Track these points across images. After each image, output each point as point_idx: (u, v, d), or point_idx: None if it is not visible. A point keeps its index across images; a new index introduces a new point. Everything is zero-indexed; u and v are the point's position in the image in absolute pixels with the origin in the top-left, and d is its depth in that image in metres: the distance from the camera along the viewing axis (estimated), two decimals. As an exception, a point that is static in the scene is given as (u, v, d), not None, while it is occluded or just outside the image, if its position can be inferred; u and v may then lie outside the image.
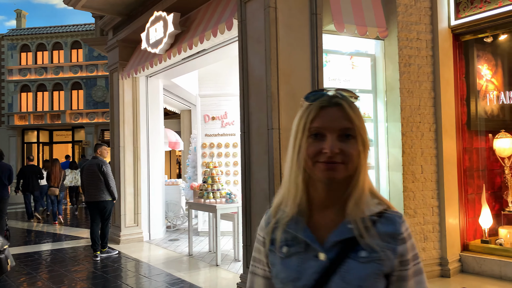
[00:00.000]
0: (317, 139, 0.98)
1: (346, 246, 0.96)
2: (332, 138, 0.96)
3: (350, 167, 0.97)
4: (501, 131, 5.30)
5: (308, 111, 1.00)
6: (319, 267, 0.97)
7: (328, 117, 0.98)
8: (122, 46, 7.77)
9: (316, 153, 0.97)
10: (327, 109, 0.98)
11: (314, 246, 0.98)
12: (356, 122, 0.97)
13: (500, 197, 5.43)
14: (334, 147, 0.95)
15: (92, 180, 6.49)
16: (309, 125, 0.98)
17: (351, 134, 0.97)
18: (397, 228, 0.98)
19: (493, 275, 4.78)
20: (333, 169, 0.96)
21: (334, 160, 0.95)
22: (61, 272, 5.83)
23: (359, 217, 0.97)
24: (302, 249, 1.00)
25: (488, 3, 4.88)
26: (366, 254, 0.95)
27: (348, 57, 5.12)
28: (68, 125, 24.75)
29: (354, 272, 0.94)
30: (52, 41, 25.51)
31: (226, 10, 5.08)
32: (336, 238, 0.97)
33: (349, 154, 0.96)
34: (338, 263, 0.95)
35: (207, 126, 7.92)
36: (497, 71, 5.59)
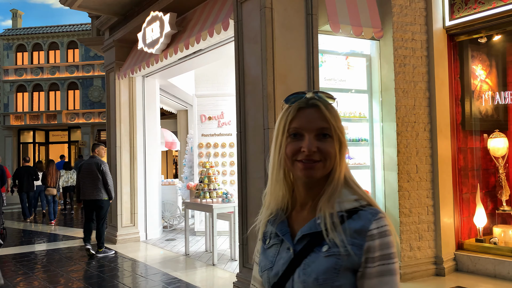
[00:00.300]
0: (295, 138, 1.02)
1: (313, 240, 1.00)
2: (310, 137, 1.01)
3: (328, 165, 1.02)
4: (495, 131, 5.35)
5: (287, 112, 1.05)
6: (288, 258, 1.03)
7: (305, 118, 1.02)
8: (118, 46, 7.77)
9: (294, 152, 1.02)
10: (305, 110, 1.03)
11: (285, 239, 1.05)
12: (332, 122, 1.02)
13: (494, 196, 5.47)
14: (311, 146, 1.00)
15: (90, 179, 6.56)
16: (288, 126, 1.03)
17: (328, 133, 1.01)
18: (366, 225, 0.98)
19: (488, 273, 4.83)
20: (311, 168, 1.00)
21: (312, 158, 1.00)
22: (58, 272, 5.83)
23: (327, 212, 0.99)
24: (279, 242, 1.07)
25: (482, 4, 4.92)
26: (327, 248, 0.97)
27: (344, 57, 5.15)
28: (64, 125, 24.69)
29: (314, 265, 0.98)
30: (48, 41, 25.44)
31: (222, 10, 5.10)
32: (303, 232, 1.02)
33: (327, 152, 1.01)
34: (303, 255, 1.00)
35: (203, 126, 7.94)
36: (491, 72, 5.63)
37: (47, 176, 10.55)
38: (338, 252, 0.96)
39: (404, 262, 4.75)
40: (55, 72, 24.91)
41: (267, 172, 1.10)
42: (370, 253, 0.96)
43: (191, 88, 9.08)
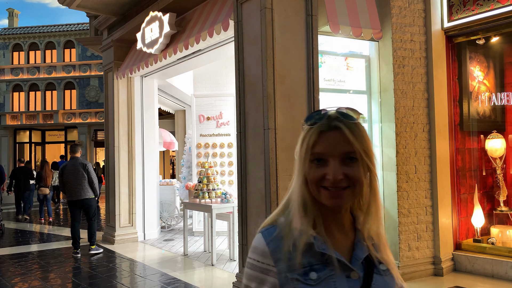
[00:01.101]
0: (320, 164, 0.95)
1: (368, 262, 0.97)
2: (335, 163, 0.93)
3: (358, 190, 0.96)
4: (493, 131, 5.38)
5: (308, 135, 0.97)
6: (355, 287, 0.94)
7: (328, 142, 0.94)
8: (117, 46, 7.76)
9: (319, 178, 0.94)
10: (327, 133, 0.95)
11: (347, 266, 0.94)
12: (357, 145, 0.93)
13: (492, 196, 5.51)
14: (337, 174, 0.92)
15: (77, 180, 6.66)
16: (311, 151, 0.96)
17: (354, 157, 0.94)
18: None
19: (485, 273, 4.86)
20: (338, 196, 0.94)
21: (339, 185, 0.93)
22: (56, 272, 5.81)
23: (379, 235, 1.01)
24: (333, 272, 0.93)
25: (480, 6, 4.95)
26: (385, 267, 0.99)
27: (343, 58, 5.17)
28: (60, 125, 24.62)
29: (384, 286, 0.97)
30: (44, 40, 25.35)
31: (222, 10, 5.10)
32: (362, 255, 0.97)
33: (354, 177, 0.94)
34: (369, 279, 0.96)
35: (202, 126, 7.94)
36: (489, 73, 5.67)
37: (41, 176, 10.74)
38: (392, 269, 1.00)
39: (403, 262, 4.78)
40: (51, 72, 24.83)
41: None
42: None
43: (190, 88, 9.08)
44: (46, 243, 7.97)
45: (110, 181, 7.75)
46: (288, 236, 0.96)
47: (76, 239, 6.72)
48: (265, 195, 4.10)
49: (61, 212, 13.06)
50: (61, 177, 6.76)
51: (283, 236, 0.97)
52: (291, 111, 4.19)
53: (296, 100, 4.22)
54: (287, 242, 0.95)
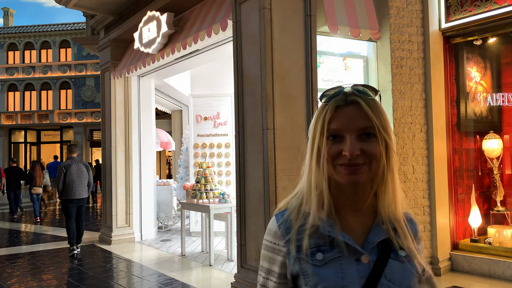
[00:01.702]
0: (336, 140, 0.92)
1: (384, 247, 0.94)
2: (352, 138, 0.90)
3: (375, 168, 0.93)
4: (489, 132, 5.41)
5: (324, 111, 0.94)
6: (365, 271, 0.91)
7: (345, 117, 0.92)
8: (114, 46, 7.73)
9: (335, 155, 0.92)
10: (344, 108, 0.93)
11: (357, 249, 0.92)
12: (375, 120, 0.91)
13: (489, 196, 5.53)
14: (353, 149, 0.90)
15: (81, 179, 6.83)
16: (327, 127, 0.93)
17: (372, 132, 0.91)
18: (417, 229, 1.02)
19: (482, 273, 4.88)
20: (355, 173, 0.91)
21: (355, 162, 0.90)
22: (52, 272, 5.78)
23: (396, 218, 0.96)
24: (340, 254, 0.92)
25: (478, 7, 4.97)
26: (405, 253, 0.94)
27: (341, 58, 5.17)
28: (56, 125, 24.50)
29: (401, 273, 0.92)
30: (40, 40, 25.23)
31: (220, 10, 5.09)
32: (377, 238, 0.94)
33: (371, 153, 0.91)
34: (383, 264, 0.92)
35: (199, 126, 7.92)
36: (486, 74, 5.70)
37: (32, 176, 11.04)
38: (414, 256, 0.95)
39: (401, 262, 4.78)
40: (47, 71, 24.71)
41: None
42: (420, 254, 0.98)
43: (187, 88, 9.06)
44: (42, 244, 7.92)
45: (107, 181, 7.72)
46: (297, 218, 0.97)
47: (73, 236, 6.83)
48: (263, 195, 4.09)
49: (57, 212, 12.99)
50: (64, 176, 6.74)
51: (292, 218, 0.98)
52: (289, 111, 4.18)
53: (294, 100, 4.22)
54: (296, 224, 0.97)
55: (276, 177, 4.05)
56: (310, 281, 0.92)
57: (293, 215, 0.99)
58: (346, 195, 0.97)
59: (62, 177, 6.75)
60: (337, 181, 0.94)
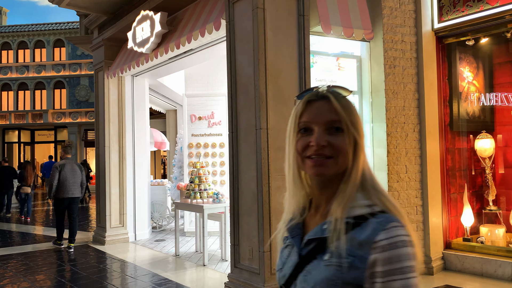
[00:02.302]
0: (305, 133, 0.96)
1: (318, 246, 0.93)
2: (319, 131, 0.93)
3: (341, 162, 0.93)
4: (482, 132, 5.44)
5: (297, 107, 0.99)
6: (294, 262, 0.99)
7: (314, 111, 0.96)
8: (107, 45, 7.70)
9: (304, 147, 0.95)
10: (314, 103, 0.97)
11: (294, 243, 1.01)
12: (343, 115, 0.93)
13: (481, 196, 5.57)
14: (320, 140, 0.92)
15: (75, 178, 7.18)
16: (298, 120, 0.97)
17: (339, 126, 0.93)
18: (371, 235, 0.87)
19: (475, 272, 4.91)
20: (321, 165, 0.93)
21: (322, 153, 0.92)
22: (46, 273, 5.75)
23: (336, 217, 0.91)
24: (292, 244, 1.02)
25: (470, 7, 5.00)
26: (328, 257, 0.89)
27: (335, 58, 5.18)
28: (50, 124, 24.35)
29: (314, 273, 0.91)
30: (34, 39, 25.08)
31: (214, 10, 5.09)
32: (309, 236, 0.96)
33: (338, 147, 0.92)
34: (306, 261, 0.95)
35: (193, 126, 7.91)
36: (478, 74, 5.73)
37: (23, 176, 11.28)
38: (339, 263, 0.87)
39: (394, 261, 4.80)
40: (41, 71, 24.56)
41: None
42: (375, 267, 0.85)
43: (181, 88, 9.04)
44: (35, 244, 7.87)
45: (100, 181, 7.69)
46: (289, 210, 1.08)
47: (62, 232, 7.28)
48: (257, 195, 4.10)
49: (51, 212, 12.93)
50: (59, 175, 7.01)
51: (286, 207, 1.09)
52: (283, 111, 4.19)
53: (288, 100, 4.23)
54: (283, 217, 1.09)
55: (269, 176, 4.06)
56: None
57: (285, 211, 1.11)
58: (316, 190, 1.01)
59: (57, 176, 6.99)
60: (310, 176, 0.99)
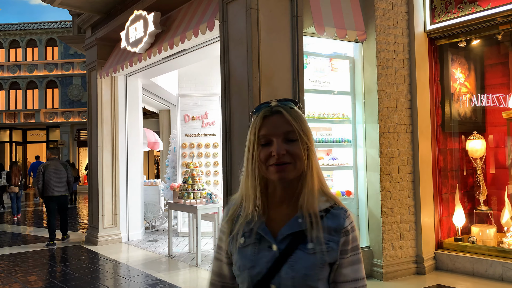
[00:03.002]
0: (266, 145, 1.10)
1: (296, 238, 1.08)
2: (278, 142, 1.08)
3: (299, 166, 1.09)
4: (473, 132, 5.50)
5: (255, 122, 1.13)
6: (271, 257, 1.08)
7: (271, 124, 1.10)
8: (100, 45, 7.66)
9: (266, 157, 1.09)
10: (270, 117, 1.11)
11: (267, 238, 1.10)
12: (295, 125, 1.09)
13: (473, 196, 5.63)
14: (280, 149, 1.07)
15: (59, 178, 7.59)
16: (258, 134, 1.11)
17: (293, 136, 1.09)
18: (341, 223, 1.11)
19: (466, 271, 4.96)
20: (283, 170, 1.08)
21: (282, 161, 1.07)
22: (37, 274, 5.71)
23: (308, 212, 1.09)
24: (256, 241, 1.11)
25: (462, 9, 5.05)
26: (312, 246, 1.06)
27: (328, 59, 5.20)
28: (42, 124, 24.16)
29: (302, 262, 1.06)
30: (26, 38, 24.87)
31: (207, 10, 5.09)
32: (287, 231, 1.09)
33: (295, 153, 1.08)
34: (288, 253, 1.07)
35: (187, 126, 7.89)
36: (470, 75, 5.79)
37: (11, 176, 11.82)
38: (322, 249, 1.06)
39: (386, 261, 4.84)
40: (33, 70, 24.36)
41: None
42: (344, 246, 1.10)
43: (175, 88, 9.02)
44: (26, 245, 7.81)
45: (93, 181, 7.65)
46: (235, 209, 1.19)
47: (54, 231, 7.52)
48: (250, 196, 4.09)
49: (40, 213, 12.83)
50: (43, 175, 7.46)
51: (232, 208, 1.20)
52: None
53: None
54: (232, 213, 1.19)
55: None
56: (234, 258, 1.16)
57: (234, 206, 1.21)
58: (278, 192, 1.14)
59: (41, 177, 7.47)
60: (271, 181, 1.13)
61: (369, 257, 4.92)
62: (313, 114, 4.97)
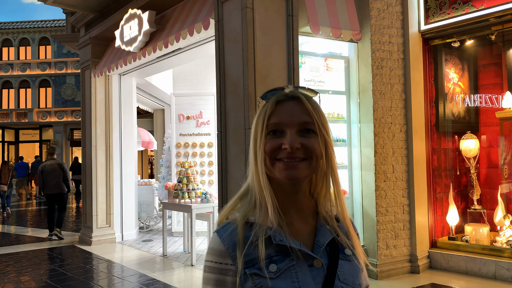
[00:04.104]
0: (275, 136, 0.89)
1: (332, 248, 0.92)
2: (292, 132, 0.88)
3: (314, 164, 0.90)
4: (467, 132, 5.53)
5: (265, 108, 0.92)
6: (319, 275, 0.88)
7: (285, 111, 0.90)
8: (94, 44, 7.62)
9: (274, 149, 0.88)
10: (284, 103, 0.91)
11: (309, 254, 0.88)
12: (315, 117, 0.90)
13: (466, 195, 5.67)
14: (294, 142, 0.87)
15: (55, 177, 8.05)
16: (267, 122, 0.90)
17: (311, 128, 0.90)
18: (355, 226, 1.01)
19: (460, 270, 4.99)
20: (294, 167, 0.87)
21: (295, 155, 0.87)
22: (31, 274, 5.66)
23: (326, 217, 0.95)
24: (293, 262, 0.87)
25: (456, 10, 5.08)
26: (349, 252, 0.93)
27: (323, 59, 5.21)
28: (35, 123, 23.98)
29: (351, 272, 0.91)
30: (18, 36, 24.67)
31: (202, 9, 5.07)
32: (325, 240, 0.92)
33: (312, 148, 0.89)
34: (334, 266, 0.90)
35: (181, 125, 7.87)
36: (463, 75, 5.83)
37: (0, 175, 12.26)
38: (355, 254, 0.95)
39: (381, 260, 4.86)
40: (25, 69, 24.16)
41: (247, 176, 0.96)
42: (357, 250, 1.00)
43: (169, 87, 8.99)
44: (19, 245, 7.74)
45: (87, 181, 7.60)
46: (242, 231, 0.89)
47: (52, 225, 8.18)
48: (245, 195, 4.09)
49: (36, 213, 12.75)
50: (41, 175, 8.00)
51: (238, 231, 0.89)
52: (271, 111, 4.19)
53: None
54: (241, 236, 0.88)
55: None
56: None
57: (240, 227, 0.90)
58: (288, 196, 0.92)
59: (40, 176, 8.02)
60: (278, 181, 0.90)
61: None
62: (308, 113, 4.98)
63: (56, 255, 6.79)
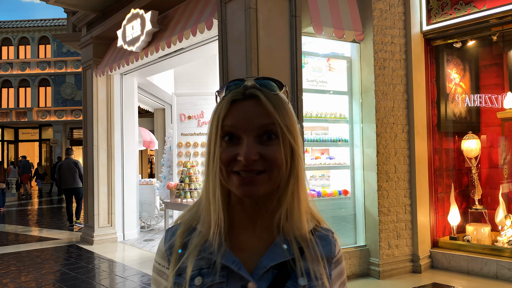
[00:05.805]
0: (232, 142, 0.76)
1: (281, 272, 0.77)
2: (249, 141, 0.75)
3: (275, 177, 0.76)
4: (468, 132, 5.55)
5: (219, 107, 0.79)
6: None
7: (241, 114, 0.76)
8: (96, 43, 7.62)
9: (230, 160, 0.76)
10: (240, 103, 0.77)
11: (241, 274, 0.75)
12: (278, 119, 0.75)
13: (468, 195, 5.69)
14: (250, 153, 0.74)
15: (71, 173, 9.15)
16: (221, 124, 0.77)
17: (273, 133, 0.76)
18: (333, 250, 0.84)
19: (461, 270, 5.01)
20: (251, 183, 0.75)
21: (252, 168, 0.74)
22: (33, 273, 5.67)
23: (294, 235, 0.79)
24: (223, 279, 0.76)
25: (458, 10, 5.10)
26: (305, 282, 0.77)
27: (325, 59, 5.23)
28: (35, 123, 23.95)
29: None
30: (18, 35, 24.63)
31: (206, 9, 5.08)
32: (269, 263, 0.77)
33: (272, 158, 0.75)
34: None
35: (183, 125, 7.88)
36: (465, 75, 5.85)
37: None
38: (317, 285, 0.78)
39: (383, 260, 4.88)
40: (25, 68, 24.14)
41: None
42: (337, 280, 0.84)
43: (170, 87, 9.00)
44: (22, 244, 7.75)
45: (88, 180, 7.61)
46: (182, 236, 0.82)
47: (71, 215, 9.35)
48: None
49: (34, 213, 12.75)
50: (59, 172, 9.18)
51: (176, 236, 0.82)
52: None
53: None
54: (179, 242, 0.81)
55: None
56: None
57: (179, 232, 0.83)
58: (247, 207, 0.81)
59: (57, 173, 9.23)
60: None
61: (366, 256, 4.96)
62: (311, 113, 5.00)
63: (57, 254, 6.80)
